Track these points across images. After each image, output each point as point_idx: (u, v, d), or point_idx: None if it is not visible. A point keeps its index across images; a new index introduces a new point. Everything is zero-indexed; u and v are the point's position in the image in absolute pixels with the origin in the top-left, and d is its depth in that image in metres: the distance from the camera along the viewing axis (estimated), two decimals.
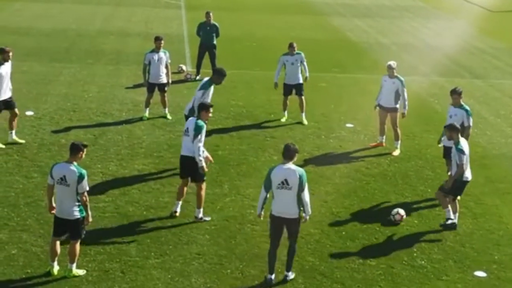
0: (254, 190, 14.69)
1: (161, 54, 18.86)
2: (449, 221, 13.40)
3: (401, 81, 17.12)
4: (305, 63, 19.20)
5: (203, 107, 13.14)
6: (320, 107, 20.67)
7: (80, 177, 10.82)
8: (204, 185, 13.24)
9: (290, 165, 11.08)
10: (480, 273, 12.04)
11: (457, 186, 13.33)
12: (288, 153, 11.14)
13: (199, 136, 12.85)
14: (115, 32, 30.01)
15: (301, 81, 19.20)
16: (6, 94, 16.24)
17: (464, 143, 13.34)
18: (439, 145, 15.46)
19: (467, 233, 13.39)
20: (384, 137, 17.64)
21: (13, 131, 16.56)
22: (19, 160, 15.64)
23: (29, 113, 18.66)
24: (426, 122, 19.60)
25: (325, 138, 18.23)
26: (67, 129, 17.79)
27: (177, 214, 13.30)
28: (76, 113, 19.07)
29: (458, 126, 13.52)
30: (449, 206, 13.39)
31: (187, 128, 13.13)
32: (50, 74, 22.88)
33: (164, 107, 19.13)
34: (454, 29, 35.90)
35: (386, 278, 11.75)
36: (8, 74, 16.20)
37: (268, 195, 11.23)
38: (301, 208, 11.13)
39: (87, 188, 10.98)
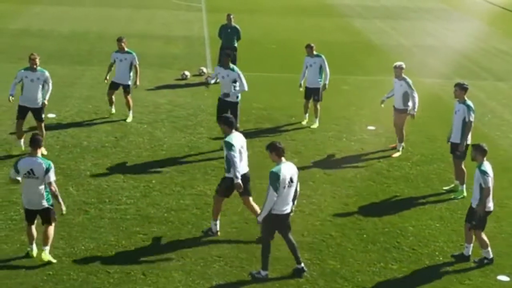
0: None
1: (126, 54, 18.66)
2: (486, 260, 12.25)
3: (407, 82, 17.00)
4: (327, 69, 18.78)
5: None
6: (341, 109, 20.59)
7: (48, 169, 11.25)
8: None
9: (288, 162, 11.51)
10: (503, 277, 11.92)
11: (483, 217, 12.13)
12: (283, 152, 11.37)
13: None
14: (135, 34, 30.12)
15: (318, 85, 18.92)
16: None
17: (488, 166, 12.16)
18: (448, 143, 15.35)
19: (490, 237, 13.21)
20: None
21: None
22: None
23: (51, 115, 18.77)
24: (448, 124, 19.32)
25: (347, 141, 18.16)
26: (89, 131, 17.87)
27: None
28: (97, 115, 19.15)
29: (485, 147, 12.25)
30: (488, 244, 12.26)
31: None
32: (71, 77, 23.02)
33: (129, 109, 18.90)
34: (476, 31, 35.64)
35: (408, 281, 11.67)
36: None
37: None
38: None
39: (54, 178, 11.37)
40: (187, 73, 23.42)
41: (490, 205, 12.21)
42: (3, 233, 12.44)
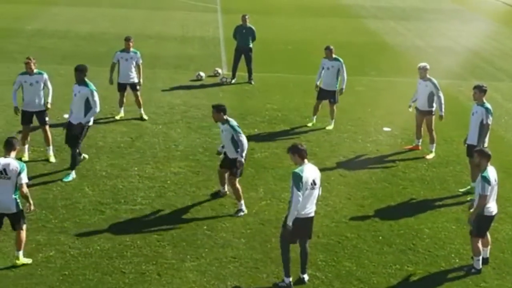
0: (290, 194, 14.62)
1: (131, 54, 18.83)
2: (473, 270, 11.93)
3: (433, 83, 16.97)
4: (344, 73, 18.70)
5: None
6: (357, 111, 20.54)
7: (22, 169, 11.11)
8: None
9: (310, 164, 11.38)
10: None
11: (482, 224, 11.86)
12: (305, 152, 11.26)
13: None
14: (152, 35, 30.21)
15: (335, 88, 18.84)
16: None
17: (491, 172, 11.84)
18: (465, 145, 15.28)
19: (506, 239, 13.18)
20: (421, 140, 17.52)
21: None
22: (57, 162, 15.79)
23: (67, 116, 18.80)
24: (464, 126, 19.21)
25: (362, 142, 18.11)
26: (104, 132, 17.92)
27: None
28: (113, 116, 19.19)
29: (489, 152, 11.99)
30: (481, 253, 11.97)
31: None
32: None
33: (139, 107, 19.03)
34: (492, 31, 35.45)
35: (424, 284, 11.61)
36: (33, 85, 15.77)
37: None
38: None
39: (26, 180, 11.23)
40: (202, 74, 23.44)
41: (492, 210, 11.88)
42: None
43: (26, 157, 15.75)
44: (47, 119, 15.97)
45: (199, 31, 31.82)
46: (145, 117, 18.95)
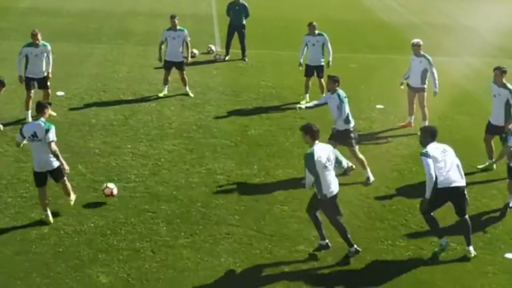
0: (283, 171, 14.71)
1: (178, 32, 18.93)
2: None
3: (428, 59, 16.98)
4: (329, 46, 18.89)
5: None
6: (350, 88, 20.39)
7: (47, 130, 11.82)
8: None
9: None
10: (511, 255, 11.91)
11: None
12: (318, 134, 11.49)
13: None
14: (144, 12, 30.07)
15: (322, 63, 18.99)
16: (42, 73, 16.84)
17: None
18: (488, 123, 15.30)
19: (498, 215, 13.25)
20: (413, 117, 17.55)
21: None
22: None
23: (59, 93, 18.81)
24: (458, 103, 19.39)
25: (355, 119, 17.86)
26: (97, 109, 17.92)
27: None
28: (106, 93, 19.19)
29: None
30: None
31: None
32: (80, 55, 23.02)
33: (185, 85, 19.24)
34: (489, 9, 35.32)
35: (416, 259, 11.68)
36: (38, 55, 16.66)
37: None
38: None
39: (54, 139, 11.89)
40: (195, 51, 23.33)
41: None
42: (13, 210, 12.55)
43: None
44: (49, 83, 16.96)
45: (192, 8, 31.64)
46: (191, 94, 19.14)
